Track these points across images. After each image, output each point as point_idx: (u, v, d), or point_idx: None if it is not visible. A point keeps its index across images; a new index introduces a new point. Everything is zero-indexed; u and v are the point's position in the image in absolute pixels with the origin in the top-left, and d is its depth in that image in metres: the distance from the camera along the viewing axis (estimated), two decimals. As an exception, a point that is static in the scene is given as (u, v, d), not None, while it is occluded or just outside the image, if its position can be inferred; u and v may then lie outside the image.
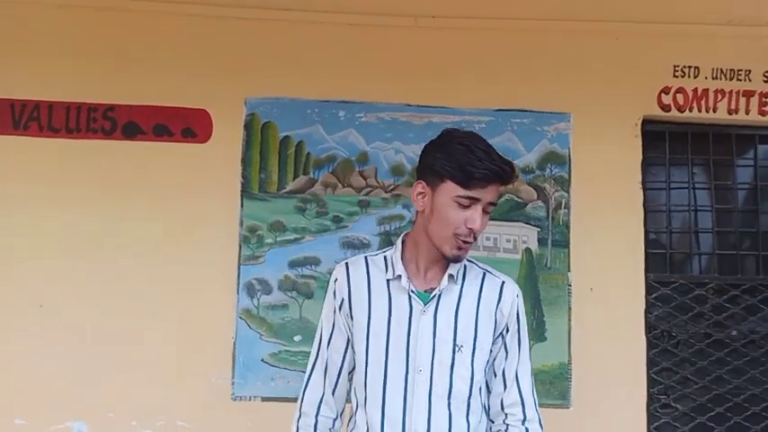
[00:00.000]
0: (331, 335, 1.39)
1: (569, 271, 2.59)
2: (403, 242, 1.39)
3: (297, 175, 2.58)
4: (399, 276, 1.33)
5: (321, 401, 1.38)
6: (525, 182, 2.62)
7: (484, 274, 1.40)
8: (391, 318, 1.32)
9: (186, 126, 2.55)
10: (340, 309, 1.37)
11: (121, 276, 2.46)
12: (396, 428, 1.27)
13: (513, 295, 1.39)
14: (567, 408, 2.53)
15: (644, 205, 2.67)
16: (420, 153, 1.38)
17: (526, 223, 2.61)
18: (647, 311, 2.62)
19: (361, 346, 1.33)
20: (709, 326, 2.67)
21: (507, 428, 1.37)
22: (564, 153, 2.64)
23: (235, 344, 2.49)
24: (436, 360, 1.29)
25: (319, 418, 1.38)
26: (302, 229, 2.55)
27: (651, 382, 2.60)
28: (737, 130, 2.75)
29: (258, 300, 2.51)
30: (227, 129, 2.56)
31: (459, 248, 1.28)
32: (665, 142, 2.73)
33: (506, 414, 1.37)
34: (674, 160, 2.75)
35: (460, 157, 1.25)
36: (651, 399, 2.59)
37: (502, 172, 1.25)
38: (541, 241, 2.61)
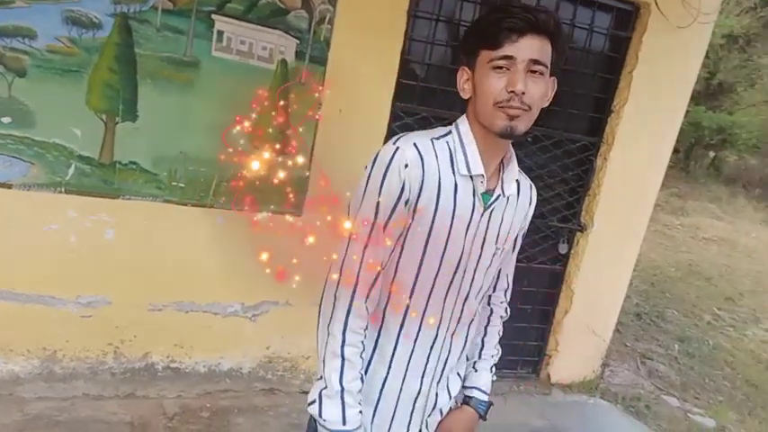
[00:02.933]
0: (387, 223, 1.15)
1: (322, 89, 2.58)
2: (471, 129, 1.19)
3: None
4: (480, 177, 1.18)
5: (368, 297, 1.17)
6: (291, -14, 2.42)
7: (517, 174, 1.30)
8: (455, 218, 1.17)
9: None
10: (406, 202, 1.14)
11: None
12: (432, 325, 1.23)
13: (535, 198, 1.35)
14: (299, 215, 2.70)
15: (406, 34, 2.68)
16: None
17: (285, 32, 2.47)
18: (387, 138, 2.79)
19: (418, 244, 1.18)
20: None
21: (492, 307, 1.46)
22: (337, -38, 2.46)
23: None
24: (480, 263, 1.25)
25: (368, 312, 1.18)
26: (12, -9, 2.10)
27: (378, 201, 2.87)
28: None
29: (-48, 69, 2.10)
30: None
31: (510, 118, 1.10)
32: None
33: (493, 296, 1.45)
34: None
35: (486, 18, 1.11)
36: (376, 214, 2.88)
37: (534, 19, 1.07)
38: (299, 54, 2.51)
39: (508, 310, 1.48)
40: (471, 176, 1.17)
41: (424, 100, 2.89)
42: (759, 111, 14.75)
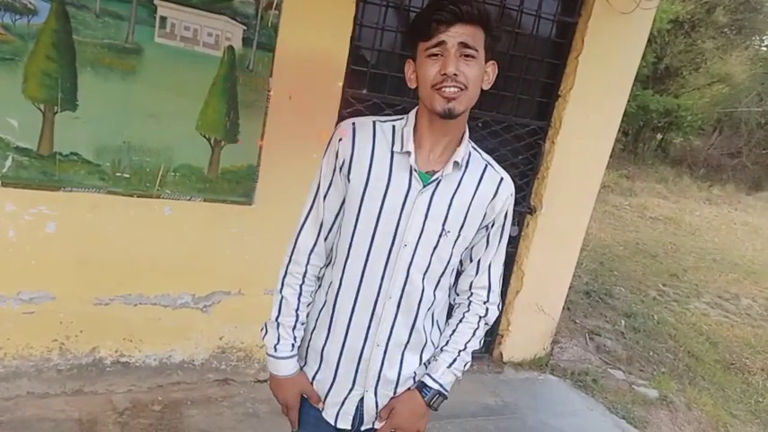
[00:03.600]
0: (328, 190, 1.35)
1: (271, 76, 2.55)
2: (416, 114, 1.34)
3: None
4: (408, 153, 1.30)
5: (312, 250, 1.38)
6: (236, -29, 2.37)
7: (486, 166, 1.38)
8: (388, 190, 1.30)
9: None
10: (340, 170, 1.33)
11: None
12: (372, 290, 1.34)
13: (508, 193, 1.39)
14: (250, 204, 2.67)
15: (355, 20, 2.67)
16: None
17: (232, 18, 2.42)
18: (336, 123, 2.77)
19: (353, 211, 1.32)
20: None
21: (470, 304, 1.46)
22: (283, -54, 2.41)
23: None
24: (422, 239, 1.32)
25: (309, 266, 1.39)
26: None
27: (330, 188, 2.86)
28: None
29: None
30: None
31: (447, 99, 1.22)
32: (387, -43, 2.67)
33: (472, 293, 1.46)
34: (394, -22, 2.74)
35: (421, 14, 1.25)
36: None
37: (458, 11, 1.19)
38: (246, 41, 2.47)
39: (491, 311, 1.46)
40: (406, 153, 1.31)
41: (374, 86, 2.89)
42: (703, 94, 15.33)
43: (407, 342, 1.39)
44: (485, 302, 1.46)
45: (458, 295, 1.48)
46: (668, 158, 15.86)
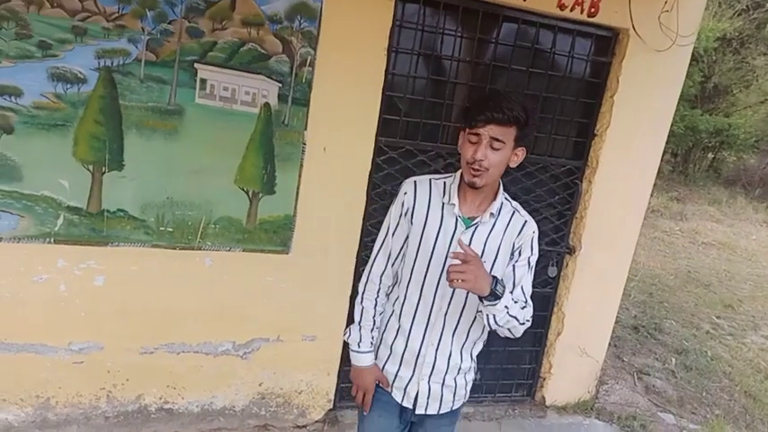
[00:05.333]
0: (396, 230, 1.85)
1: (306, 129, 2.63)
2: (461, 176, 1.77)
3: (-12, -19, 2.09)
4: (453, 204, 1.76)
5: (383, 273, 1.89)
6: (271, 32, 2.47)
7: (513, 212, 1.82)
8: (440, 231, 1.77)
9: None
10: (405, 215, 1.82)
11: None
12: (427, 304, 1.81)
13: (530, 231, 1.81)
14: (287, 253, 2.74)
15: (387, 71, 2.73)
16: None
17: (268, 77, 2.52)
18: (372, 172, 2.83)
19: (414, 244, 1.80)
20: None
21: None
22: (315, 6, 2.50)
23: None
24: None
25: (381, 285, 1.89)
26: (-3, 51, 2.15)
27: (365, 233, 2.91)
28: (485, 7, 2.84)
29: (-59, 129, 2.15)
30: None
31: (473, 176, 1.69)
32: (419, 7, 2.74)
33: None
34: (426, 28, 2.79)
35: (469, 107, 1.74)
36: (363, 246, 2.92)
37: (493, 115, 1.62)
38: (281, 97, 2.56)
39: (528, 308, 1.78)
40: (452, 204, 1.77)
41: (407, 133, 2.93)
42: (755, 111, 14.76)
43: (452, 341, 1.85)
44: (524, 304, 1.78)
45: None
46: (721, 178, 15.28)
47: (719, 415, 3.94)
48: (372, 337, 1.90)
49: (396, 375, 1.89)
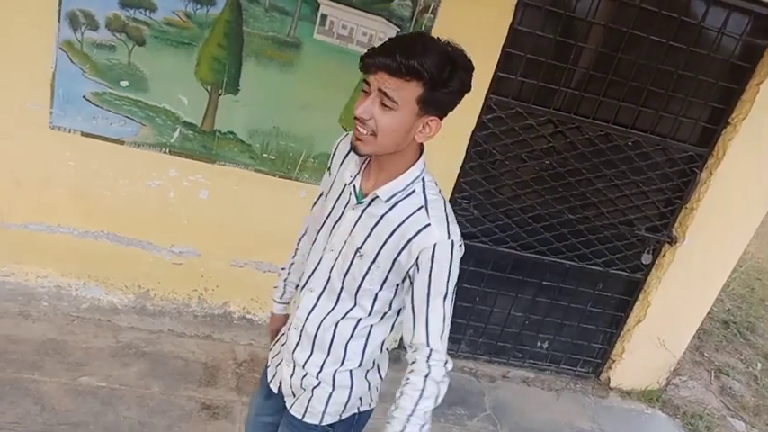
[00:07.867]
0: (326, 172, 1.50)
1: (417, 77, 2.58)
2: None
3: None
4: (352, 172, 1.37)
5: (311, 214, 1.59)
6: (398, -27, 2.40)
7: (420, 208, 1.27)
8: (339, 198, 1.39)
9: None
10: (328, 170, 1.47)
11: None
12: (303, 280, 1.45)
13: (430, 242, 1.23)
14: (379, 197, 2.78)
15: (511, 26, 2.59)
16: None
17: (387, 20, 2.47)
18: (475, 130, 2.77)
19: (322, 200, 1.50)
20: (528, 153, 2.90)
21: (413, 362, 1.30)
22: (448, -50, 2.38)
23: (54, 75, 2.36)
24: (343, 251, 1.35)
25: (307, 228, 1.64)
26: (138, -35, 2.24)
27: (458, 189, 2.89)
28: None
29: (82, 34, 2.31)
30: None
31: (356, 137, 1.22)
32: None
33: (415, 349, 1.30)
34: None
35: (369, 48, 1.22)
36: (454, 201, 2.90)
37: (383, 60, 1.13)
38: (398, 41, 2.51)
39: (434, 368, 1.27)
40: (350, 171, 1.37)
41: (520, 94, 2.80)
42: None
43: (315, 336, 1.39)
44: (427, 359, 1.28)
45: (406, 351, 1.34)
46: None
47: (796, 434, 3.74)
48: (286, 284, 1.68)
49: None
